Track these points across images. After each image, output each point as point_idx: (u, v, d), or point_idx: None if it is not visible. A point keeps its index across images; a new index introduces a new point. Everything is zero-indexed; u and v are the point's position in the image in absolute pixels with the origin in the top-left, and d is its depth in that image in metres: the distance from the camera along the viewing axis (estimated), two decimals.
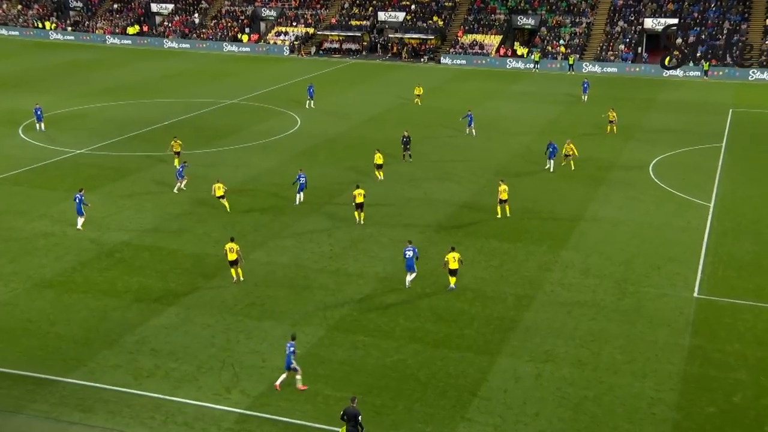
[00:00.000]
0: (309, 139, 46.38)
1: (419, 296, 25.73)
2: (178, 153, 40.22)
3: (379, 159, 37.76)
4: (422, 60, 78.72)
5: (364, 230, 31.58)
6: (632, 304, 25.29)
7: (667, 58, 46.73)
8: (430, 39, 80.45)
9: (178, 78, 67.74)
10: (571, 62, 71.79)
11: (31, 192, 35.97)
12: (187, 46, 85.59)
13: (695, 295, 25.89)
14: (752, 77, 67.18)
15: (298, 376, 20.39)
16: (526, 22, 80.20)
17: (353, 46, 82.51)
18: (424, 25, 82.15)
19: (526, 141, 46.43)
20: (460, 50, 78.28)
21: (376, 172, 37.84)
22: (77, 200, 31.44)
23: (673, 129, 49.17)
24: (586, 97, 58.06)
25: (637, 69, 71.15)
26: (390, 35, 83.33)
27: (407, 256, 25.44)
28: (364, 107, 55.41)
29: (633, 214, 33.83)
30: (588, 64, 72.80)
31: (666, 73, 69.49)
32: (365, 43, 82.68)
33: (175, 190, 36.14)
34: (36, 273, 27.37)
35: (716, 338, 23.05)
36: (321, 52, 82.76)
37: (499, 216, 33.06)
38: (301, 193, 34.65)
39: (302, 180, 34.56)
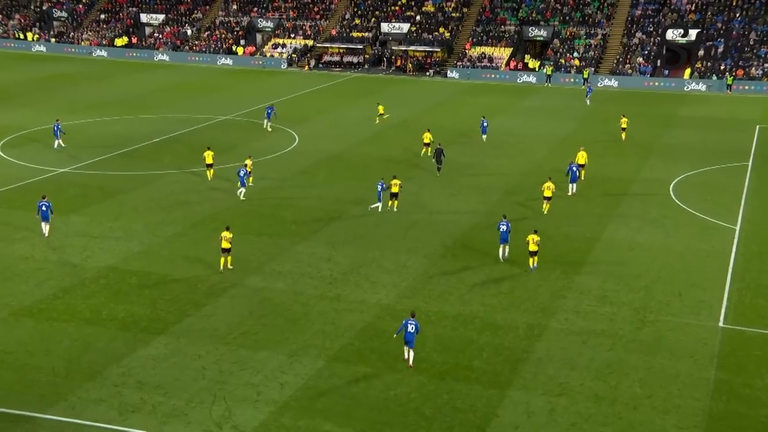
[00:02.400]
0: (308, 158, 46.63)
1: (424, 324, 25.67)
2: (210, 165, 41.24)
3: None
4: (428, 74, 79.28)
5: (366, 254, 31.67)
6: (652, 333, 25.25)
7: None
8: (436, 52, 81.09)
9: (169, 92, 68.28)
10: (585, 76, 72.23)
11: (11, 214, 36.16)
12: (179, 58, 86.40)
13: (720, 324, 25.86)
14: None
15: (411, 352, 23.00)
16: (538, 33, 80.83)
17: (355, 59, 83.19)
18: (430, 36, 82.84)
19: (537, 159, 46.63)
20: (468, 63, 78.83)
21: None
22: (44, 208, 32.17)
23: (696, 146, 49.36)
24: (588, 100, 58.76)
25: (657, 83, 71.55)
26: (394, 48, 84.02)
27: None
28: (366, 123, 55.75)
29: (653, 236, 33.87)
30: (604, 77, 73.24)
31: (687, 88, 69.88)
32: (367, 56, 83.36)
33: (242, 197, 38.04)
34: (14, 300, 27.44)
35: (744, 372, 22.97)
36: (321, 65, 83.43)
37: (545, 212, 36.22)
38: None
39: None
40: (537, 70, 76.56)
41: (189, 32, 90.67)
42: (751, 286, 28.77)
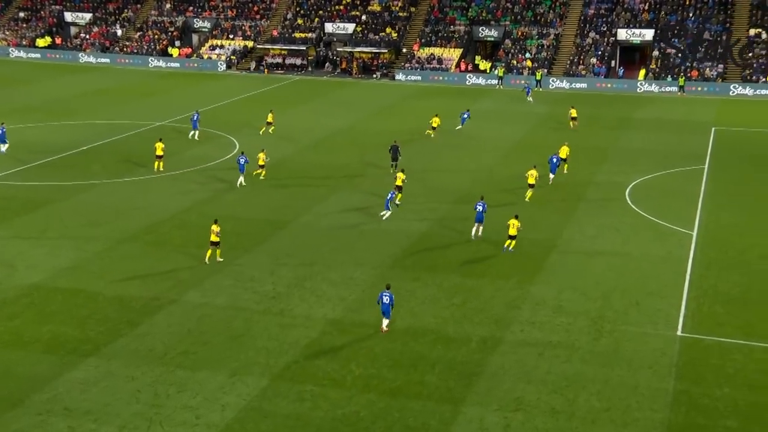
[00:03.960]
0: (249, 165, 46.25)
1: (374, 340, 25.77)
2: (160, 157, 44.13)
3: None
4: (375, 76, 79.67)
5: (312, 266, 31.62)
6: (610, 344, 25.74)
7: None
8: (383, 53, 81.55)
9: (98, 97, 67.15)
10: (538, 77, 73.49)
11: None
12: (108, 60, 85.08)
13: (679, 333, 26.49)
14: (733, 92, 69.65)
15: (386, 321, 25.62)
16: (489, 34, 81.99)
17: (298, 61, 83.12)
18: (377, 37, 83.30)
19: (489, 164, 47.21)
20: (417, 65, 79.46)
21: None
22: None
23: (651, 150, 50.62)
24: (530, 98, 60.17)
25: (611, 85, 73.20)
26: (338, 49, 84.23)
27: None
28: (310, 129, 55.69)
29: (609, 243, 34.59)
30: (556, 79, 74.62)
31: (641, 89, 71.67)
32: (311, 58, 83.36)
33: (240, 184, 41.58)
34: None
35: (703, 382, 23.55)
36: (261, 67, 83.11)
37: (527, 200, 38.97)
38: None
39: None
40: (488, 71, 77.60)
41: (119, 32, 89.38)
42: (708, 293, 29.59)
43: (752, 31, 74.82)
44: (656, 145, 52.07)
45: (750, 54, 73.18)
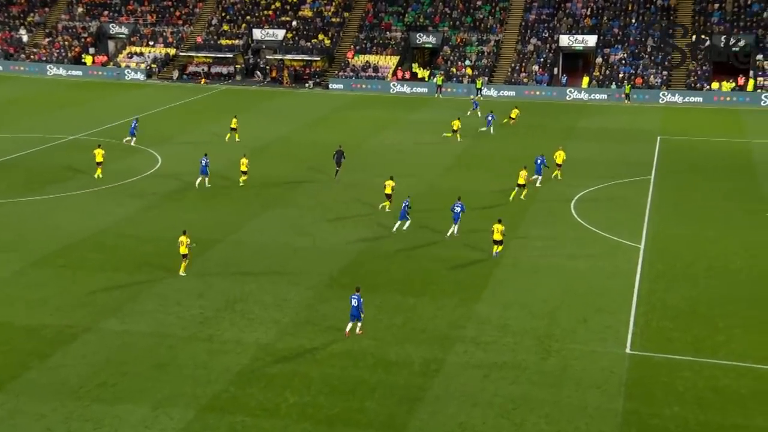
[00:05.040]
0: (173, 181, 45.76)
1: (310, 365, 25.63)
2: (99, 163, 45.35)
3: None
4: (307, 85, 79.68)
5: (243, 288, 31.33)
6: (558, 364, 26.12)
7: None
8: (316, 61, 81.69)
9: (1, 109, 65.39)
10: (479, 86, 74.55)
11: None
12: (12, 68, 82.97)
13: (627, 351, 27.02)
14: (680, 101, 71.83)
15: (358, 324, 26.80)
16: (427, 40, 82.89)
17: (224, 70, 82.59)
18: (308, 44, 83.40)
19: (429, 178, 47.58)
20: (351, 73, 79.77)
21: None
22: None
23: (596, 160, 51.76)
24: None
25: (554, 93, 74.71)
26: (268, 57, 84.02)
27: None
28: (240, 142, 55.27)
29: (555, 258, 35.16)
30: (498, 87, 75.81)
31: (585, 97, 73.34)
32: (239, 66, 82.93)
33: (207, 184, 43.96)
34: None
35: (653, 401, 24.06)
36: (185, 76, 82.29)
37: (522, 198, 41.70)
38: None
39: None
40: (427, 79, 78.37)
41: (25, 38, 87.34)
42: (657, 308, 30.31)
43: (695, 38, 77.33)
44: (601, 155, 53.25)
45: (693, 61, 75.62)
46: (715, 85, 72.91)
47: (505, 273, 33.49)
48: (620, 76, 75.48)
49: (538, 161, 45.08)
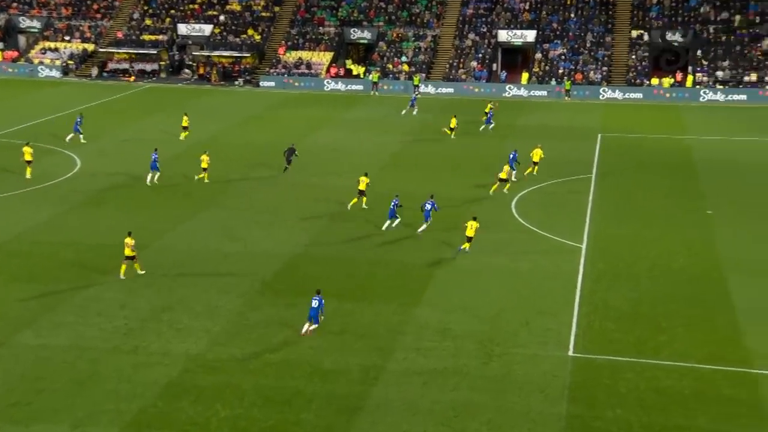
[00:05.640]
0: (93, 184, 45.01)
1: (242, 376, 25.45)
2: (29, 162, 45.39)
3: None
4: (237, 83, 79.10)
5: (170, 296, 30.97)
6: (500, 368, 26.44)
7: None
8: (246, 57, 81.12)
9: None
10: (416, 83, 74.99)
11: None
12: None
13: (570, 353, 27.52)
14: (620, 97, 73.38)
15: (313, 327, 27.64)
16: (362, 36, 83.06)
17: (148, 67, 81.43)
18: (237, 40, 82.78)
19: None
20: (283, 70, 79.48)
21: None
22: None
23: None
24: (415, 110, 62.67)
25: (493, 89, 75.61)
26: (195, 53, 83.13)
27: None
28: (163, 143, 54.59)
29: (496, 260, 35.59)
30: (435, 84, 76.39)
31: (525, 94, 74.39)
32: (164, 63, 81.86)
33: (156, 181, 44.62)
34: None
35: (596, 404, 24.53)
36: (105, 74, 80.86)
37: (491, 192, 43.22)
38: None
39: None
40: (362, 76, 78.51)
41: None
42: (599, 309, 30.93)
43: (634, 33, 79.21)
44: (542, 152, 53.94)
45: (633, 56, 77.39)
46: (654, 81, 74.74)
47: (445, 276, 33.77)
48: (560, 71, 76.79)
49: (511, 156, 46.20)
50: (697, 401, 24.54)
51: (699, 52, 76.31)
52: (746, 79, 73.51)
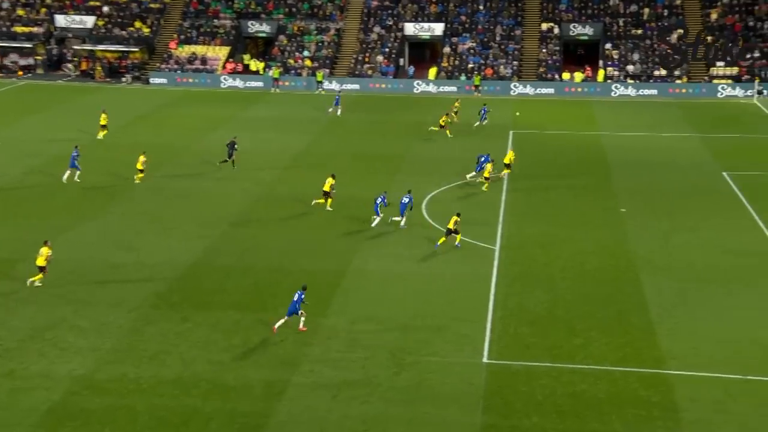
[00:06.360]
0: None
1: (135, 396, 25.03)
2: None
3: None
4: (124, 80, 77.67)
5: (53, 313, 30.22)
6: (412, 378, 26.65)
7: None
8: (134, 52, 79.74)
9: None
10: (319, 79, 75.00)
11: None
12: None
13: (485, 360, 27.95)
14: (531, 92, 74.84)
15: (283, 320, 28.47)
16: (260, 29, 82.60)
17: (24, 61, 79.09)
18: (124, 33, 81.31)
19: (268, 180, 47.50)
20: (176, 66, 78.41)
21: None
22: None
23: (448, 157, 53.13)
24: (339, 110, 62.81)
25: (401, 85, 76.22)
26: (75, 47, 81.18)
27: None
28: (42, 145, 53.21)
29: (407, 264, 35.90)
30: (340, 80, 76.50)
31: (434, 90, 75.20)
32: (41, 58, 79.68)
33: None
34: None
35: (512, 412, 24.98)
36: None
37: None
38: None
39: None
40: (261, 73, 78.07)
41: None
42: (514, 313, 31.54)
43: (544, 26, 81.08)
44: (452, 151, 54.71)
45: (544, 50, 79.18)
46: (566, 76, 76.64)
47: (352, 283, 33.88)
48: (469, 66, 77.94)
49: (482, 159, 47.00)
50: (612, 405, 25.26)
51: (609, 46, 78.63)
52: (656, 73, 76.12)
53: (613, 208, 43.51)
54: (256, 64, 79.27)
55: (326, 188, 41.74)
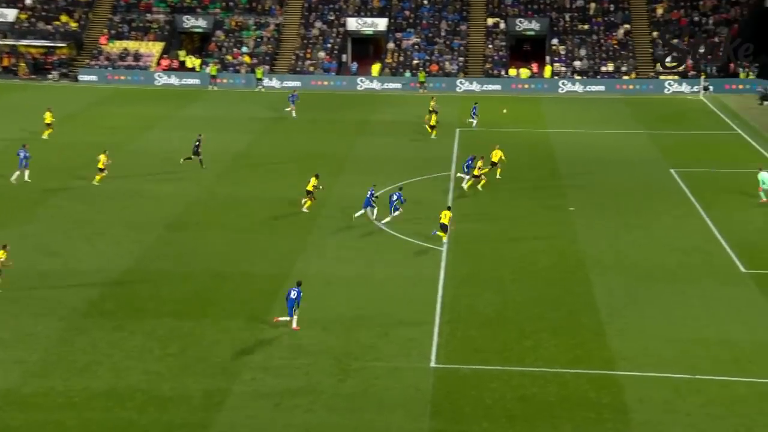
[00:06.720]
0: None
1: (64, 410, 24.59)
2: None
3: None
4: (51, 76, 76.56)
5: None
6: (358, 385, 26.59)
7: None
8: (61, 47, 78.65)
9: None
10: (259, 76, 74.59)
11: None
12: None
13: (432, 365, 27.99)
14: (478, 89, 75.27)
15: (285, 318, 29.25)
16: (196, 24, 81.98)
17: None
18: (50, 27, 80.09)
19: (207, 182, 47.14)
20: (107, 62, 77.52)
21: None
22: None
23: (393, 156, 53.28)
24: (294, 111, 62.18)
25: (344, 82, 76.17)
26: None
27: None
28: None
29: (352, 267, 35.85)
30: (281, 77, 76.17)
31: (378, 87, 75.25)
32: None
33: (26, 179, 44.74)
34: None
35: (461, 417, 25.03)
36: None
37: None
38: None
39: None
40: (198, 69, 77.43)
41: None
42: (462, 316, 31.64)
43: (490, 21, 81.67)
44: (397, 150, 54.88)
45: (490, 46, 79.76)
46: (512, 72, 77.30)
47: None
48: (414, 62, 78.15)
49: (469, 161, 46.88)
50: (563, 408, 25.45)
51: (556, 41, 79.49)
52: (603, 69, 77.19)
53: (562, 207, 43.96)
54: (192, 61, 78.60)
55: (309, 187, 41.79)
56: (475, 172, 46.05)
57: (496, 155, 48.59)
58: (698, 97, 72.69)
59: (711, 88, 73.56)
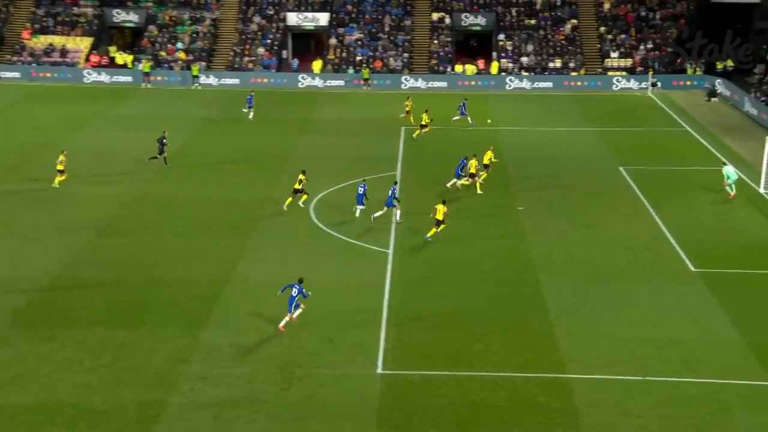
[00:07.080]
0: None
1: None
2: None
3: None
4: None
5: None
6: (302, 393, 26.52)
7: None
8: None
9: None
10: (195, 73, 74.00)
11: None
12: None
13: (379, 371, 28.02)
14: (423, 85, 75.48)
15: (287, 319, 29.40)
16: (127, 18, 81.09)
17: None
18: None
19: (140, 183, 46.66)
20: (30, 59, 76.44)
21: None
22: None
23: (337, 156, 53.19)
24: (251, 113, 61.88)
25: (285, 80, 75.87)
26: None
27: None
28: None
29: (294, 272, 35.45)
30: (218, 75, 75.63)
31: (320, 84, 75.10)
32: None
33: None
34: None
35: (409, 425, 25.05)
36: None
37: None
38: None
39: None
40: (130, 66, 76.57)
41: None
42: (410, 319, 31.68)
43: (435, 15, 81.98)
44: (341, 150, 54.80)
45: (435, 41, 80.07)
46: (458, 68, 77.66)
47: (234, 292, 33.56)
48: (357, 59, 78.13)
49: (463, 162, 46.73)
50: (513, 413, 25.65)
51: (502, 37, 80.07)
52: (551, 65, 77.97)
53: (511, 206, 44.26)
54: (123, 57, 77.66)
55: (296, 185, 42.08)
56: (472, 170, 46.27)
57: (487, 157, 48.54)
58: (646, 93, 73.79)
59: (659, 84, 74.71)
